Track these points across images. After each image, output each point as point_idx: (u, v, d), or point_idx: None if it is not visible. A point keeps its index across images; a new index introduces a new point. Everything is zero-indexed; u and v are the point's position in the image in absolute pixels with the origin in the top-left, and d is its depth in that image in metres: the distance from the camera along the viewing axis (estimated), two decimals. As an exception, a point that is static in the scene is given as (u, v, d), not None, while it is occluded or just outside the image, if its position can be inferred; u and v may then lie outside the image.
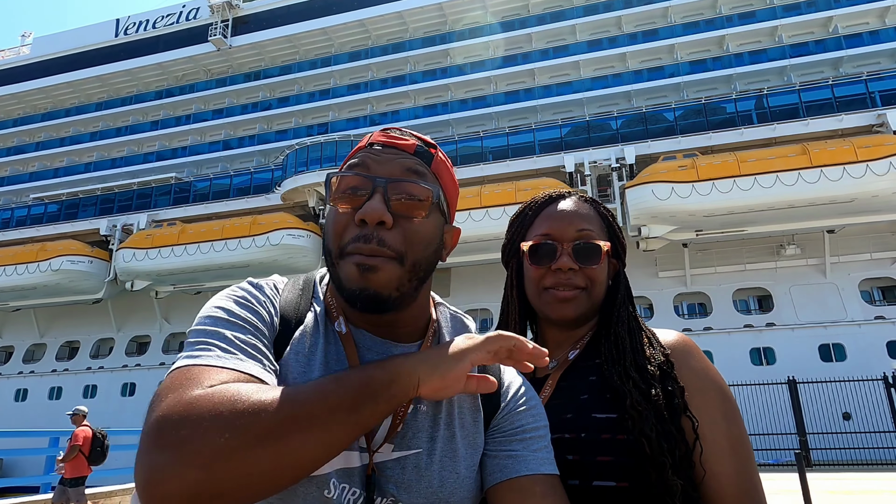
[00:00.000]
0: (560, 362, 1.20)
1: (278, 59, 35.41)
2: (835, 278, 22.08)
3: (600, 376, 1.11)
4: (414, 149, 0.89)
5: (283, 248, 25.13)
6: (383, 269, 0.81)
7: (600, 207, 1.28)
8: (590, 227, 1.21)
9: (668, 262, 23.86)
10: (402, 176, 0.85)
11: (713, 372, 1.10)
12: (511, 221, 1.31)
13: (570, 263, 1.17)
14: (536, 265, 1.21)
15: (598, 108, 27.83)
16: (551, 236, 1.20)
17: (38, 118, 38.15)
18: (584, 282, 1.18)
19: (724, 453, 1.01)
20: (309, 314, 0.89)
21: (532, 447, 0.90)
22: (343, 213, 0.84)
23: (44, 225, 31.58)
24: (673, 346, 1.13)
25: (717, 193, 20.65)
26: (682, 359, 1.10)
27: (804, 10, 26.75)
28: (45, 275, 27.68)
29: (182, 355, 0.74)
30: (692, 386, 1.06)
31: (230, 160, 32.96)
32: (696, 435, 1.01)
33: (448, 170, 0.94)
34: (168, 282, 27.60)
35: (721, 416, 1.04)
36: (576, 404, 1.09)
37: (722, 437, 1.02)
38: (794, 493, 7.00)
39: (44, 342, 31.36)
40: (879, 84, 22.75)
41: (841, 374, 17.26)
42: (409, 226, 0.84)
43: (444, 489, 0.83)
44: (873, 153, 19.64)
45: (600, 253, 1.19)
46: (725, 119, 24.05)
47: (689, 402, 1.04)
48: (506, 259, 1.33)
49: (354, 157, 0.88)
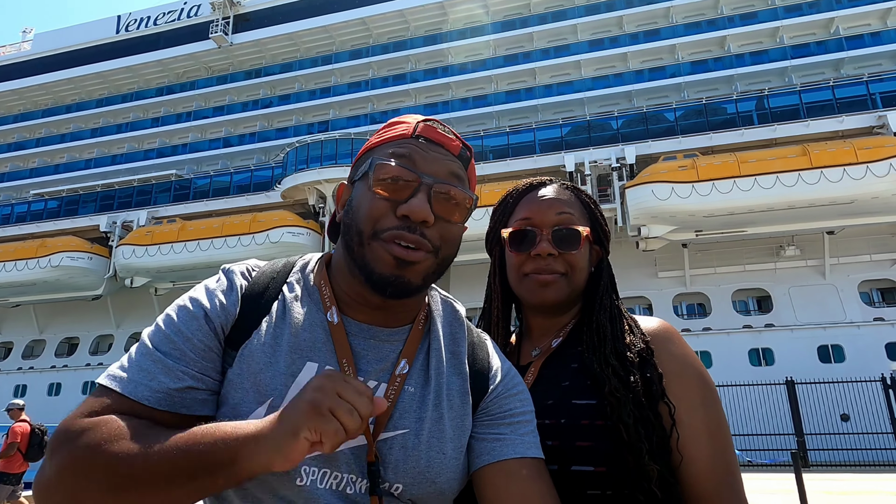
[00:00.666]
0: (543, 350, 1.21)
1: (279, 56, 35.38)
2: (834, 280, 22.08)
3: (581, 363, 1.12)
4: (459, 150, 0.92)
5: (283, 245, 25.14)
6: (422, 263, 0.84)
7: (581, 194, 1.29)
8: (570, 210, 1.22)
9: (667, 262, 23.86)
10: (447, 178, 0.88)
11: (692, 358, 1.11)
12: (493, 209, 1.32)
13: (550, 249, 1.18)
14: (517, 251, 1.22)
15: (598, 108, 27.83)
16: (531, 221, 1.21)
17: (38, 114, 38.12)
18: (564, 267, 1.19)
19: (701, 438, 1.02)
20: (277, 301, 0.89)
21: (519, 431, 0.91)
22: (381, 199, 0.85)
23: (44, 221, 31.58)
24: (653, 332, 1.13)
25: (717, 194, 20.65)
26: (662, 345, 1.10)
27: (806, 11, 26.73)
28: (44, 271, 27.68)
29: (113, 367, 0.81)
30: (671, 372, 1.06)
31: (230, 157, 32.94)
32: (673, 421, 1.02)
33: (475, 174, 0.98)
34: (168, 278, 27.60)
35: (700, 402, 1.05)
36: (557, 391, 1.10)
37: (699, 422, 1.03)
38: (791, 493, 7.02)
39: (43, 338, 31.37)
40: (880, 86, 22.74)
41: (839, 375, 17.26)
42: (446, 226, 0.87)
43: (430, 469, 0.84)
44: (873, 155, 19.64)
45: (580, 238, 1.19)
46: (726, 119, 24.04)
47: (668, 388, 1.05)
48: (489, 247, 1.34)
49: (400, 146, 0.89)
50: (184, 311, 0.85)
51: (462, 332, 0.99)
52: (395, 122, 0.94)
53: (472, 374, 0.95)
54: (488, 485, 0.87)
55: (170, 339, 0.82)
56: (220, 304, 0.86)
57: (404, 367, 0.89)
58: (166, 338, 0.82)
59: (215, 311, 0.85)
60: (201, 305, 0.85)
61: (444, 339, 0.96)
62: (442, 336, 0.95)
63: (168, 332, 0.82)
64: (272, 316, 0.87)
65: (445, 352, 0.94)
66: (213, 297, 0.87)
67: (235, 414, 0.80)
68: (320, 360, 0.85)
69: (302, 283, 0.93)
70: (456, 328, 0.98)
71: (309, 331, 0.87)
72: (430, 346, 0.94)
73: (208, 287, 0.89)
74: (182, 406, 0.79)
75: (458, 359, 0.95)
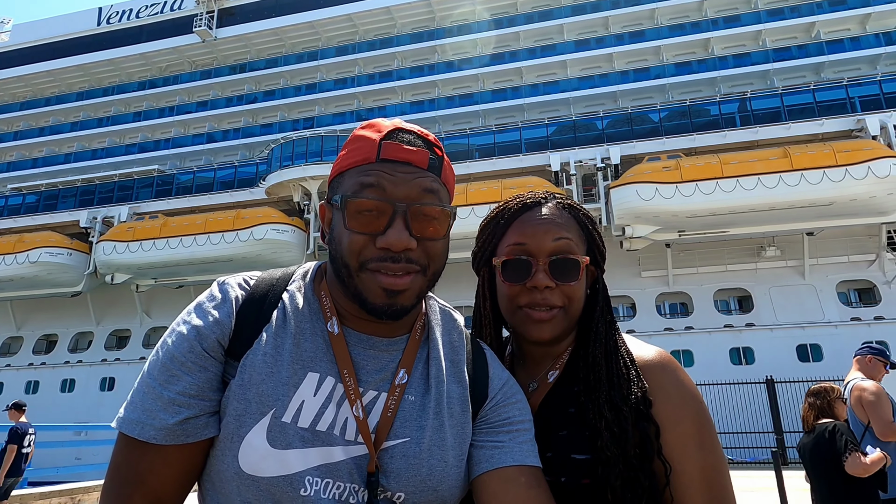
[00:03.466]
0: (540, 385, 1.13)
1: (264, 51, 35.06)
2: (813, 280, 22.45)
3: (578, 408, 1.05)
4: (427, 163, 0.88)
5: (267, 242, 24.92)
6: (410, 288, 0.85)
7: (579, 213, 1.18)
8: (567, 235, 1.12)
9: (650, 261, 24.08)
10: (421, 198, 0.86)
11: (689, 397, 1.03)
12: (482, 227, 1.21)
13: (547, 281, 1.08)
14: (510, 282, 1.12)
15: (584, 108, 27.98)
16: (526, 248, 1.11)
17: (16, 107, 37.34)
18: (562, 300, 1.10)
19: (696, 487, 0.97)
20: (277, 310, 0.89)
21: (518, 439, 0.92)
22: (360, 234, 0.84)
23: (22, 216, 30.92)
24: (650, 366, 1.06)
25: (699, 195, 20.88)
26: (659, 385, 1.04)
27: (788, 15, 27.14)
28: (22, 267, 27.14)
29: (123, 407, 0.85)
30: (668, 419, 1.01)
31: (214, 153, 32.57)
32: (668, 482, 0.97)
33: (452, 173, 0.95)
34: (149, 275, 27.22)
35: (696, 447, 0.99)
36: (555, 441, 1.04)
37: (695, 470, 0.98)
38: (771, 490, 7.13)
39: (20, 335, 30.76)
40: (859, 90, 23.15)
41: (817, 374, 17.56)
42: (430, 244, 0.87)
43: (432, 478, 0.84)
44: (852, 157, 19.98)
45: (579, 268, 1.10)
46: (709, 121, 24.30)
47: (664, 438, 0.99)
48: (476, 267, 1.23)
49: (366, 174, 0.86)
50: (177, 335, 0.86)
51: (461, 341, 0.99)
52: (359, 138, 0.90)
53: (472, 382, 0.95)
54: (487, 492, 0.87)
55: (165, 366, 0.84)
56: (213, 319, 0.86)
57: (403, 376, 0.90)
58: (162, 366, 0.84)
59: (208, 328, 0.85)
60: (193, 325, 0.85)
61: (444, 347, 0.96)
62: (441, 345, 0.95)
63: (164, 360, 0.84)
64: (272, 325, 0.87)
65: (445, 360, 0.94)
66: (204, 314, 0.87)
67: (238, 424, 0.81)
68: (322, 370, 0.86)
69: (302, 293, 0.92)
70: (455, 337, 0.98)
71: (311, 341, 0.87)
72: (429, 354, 0.94)
73: (200, 304, 0.89)
74: (185, 437, 0.82)
75: (457, 367, 0.95)
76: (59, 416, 24.62)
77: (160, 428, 0.81)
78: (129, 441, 0.82)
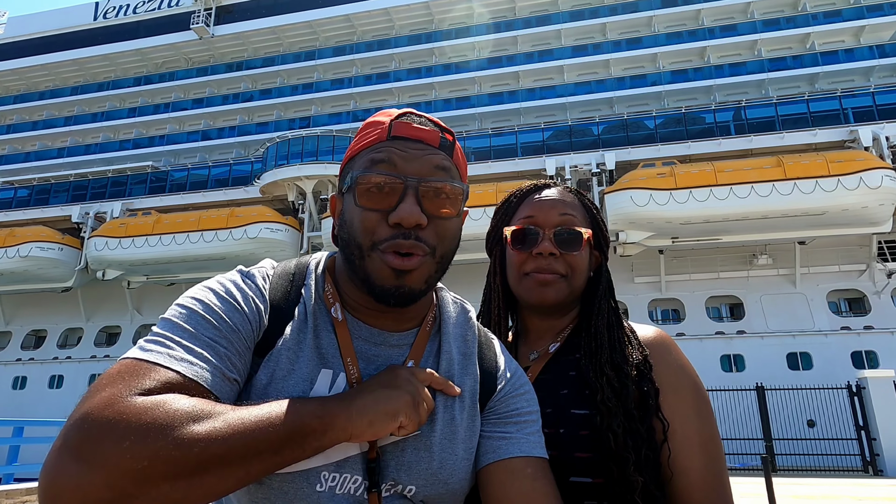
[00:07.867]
0: (541, 354, 1.20)
1: (261, 50, 34.99)
2: (804, 289, 22.60)
3: (579, 371, 1.12)
4: (439, 141, 0.88)
5: (260, 241, 24.83)
6: (419, 269, 0.83)
7: (584, 198, 1.29)
8: (573, 213, 1.22)
9: (643, 267, 24.17)
10: (432, 174, 0.85)
11: (689, 369, 1.12)
12: (496, 209, 1.32)
13: (552, 248, 1.18)
14: (518, 250, 1.22)
15: (580, 114, 28.09)
16: (534, 220, 1.22)
17: (10, 100, 37.04)
18: (565, 268, 1.19)
19: (694, 450, 1.03)
20: (299, 305, 0.88)
21: (525, 430, 0.92)
22: (371, 211, 0.83)
23: (13, 210, 30.66)
24: (651, 342, 1.14)
25: (693, 202, 20.99)
26: (659, 356, 1.11)
27: (783, 26, 27.37)
28: (12, 261, 26.89)
29: (139, 344, 0.73)
30: (667, 384, 1.07)
31: (209, 151, 32.44)
32: (665, 438, 1.03)
33: (464, 159, 0.94)
34: (141, 272, 27.06)
35: (694, 414, 1.06)
36: (555, 399, 1.11)
37: (693, 434, 1.04)
38: (760, 496, 7.15)
39: (9, 330, 30.45)
40: (853, 101, 23.38)
41: (807, 382, 17.66)
42: (441, 223, 0.85)
43: (443, 470, 0.84)
44: (845, 168, 20.15)
45: (581, 240, 1.20)
46: (704, 129, 24.46)
47: (663, 400, 1.06)
48: (489, 247, 1.33)
49: (377, 151, 0.86)
50: (225, 303, 0.80)
51: (472, 334, 0.98)
52: (371, 123, 0.90)
53: (482, 374, 0.95)
54: (493, 482, 0.87)
55: (215, 326, 0.77)
56: (258, 310, 0.83)
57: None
58: (209, 324, 0.76)
59: (253, 315, 0.82)
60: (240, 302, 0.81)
61: (455, 340, 0.95)
62: (453, 338, 0.95)
63: (211, 319, 0.77)
64: (296, 321, 0.86)
65: (456, 353, 0.93)
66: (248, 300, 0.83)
67: None
68: (335, 367, 0.85)
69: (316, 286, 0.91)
70: (466, 330, 0.97)
71: (325, 337, 0.86)
72: (440, 347, 0.93)
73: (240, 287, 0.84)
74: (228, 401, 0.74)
75: (469, 360, 0.94)
76: (46, 412, 24.34)
77: (223, 377, 0.74)
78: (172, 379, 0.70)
